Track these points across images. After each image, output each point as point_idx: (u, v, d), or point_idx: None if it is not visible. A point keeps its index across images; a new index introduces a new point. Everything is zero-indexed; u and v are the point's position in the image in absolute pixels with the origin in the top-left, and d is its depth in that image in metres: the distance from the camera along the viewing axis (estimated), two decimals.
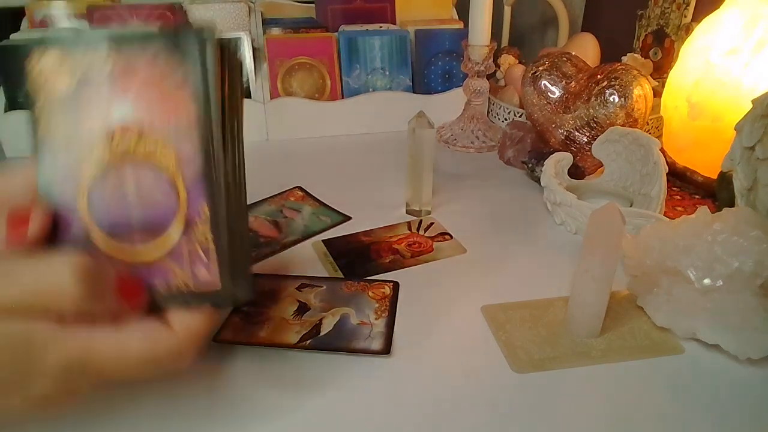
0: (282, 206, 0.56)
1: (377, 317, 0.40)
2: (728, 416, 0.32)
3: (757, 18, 0.51)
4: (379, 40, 0.74)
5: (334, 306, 0.41)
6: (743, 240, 0.36)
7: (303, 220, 0.53)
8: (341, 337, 0.37)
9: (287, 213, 0.54)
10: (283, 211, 0.55)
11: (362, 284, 0.43)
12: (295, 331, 0.38)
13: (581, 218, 0.49)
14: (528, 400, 0.33)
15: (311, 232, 0.51)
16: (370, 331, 0.38)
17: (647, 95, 0.55)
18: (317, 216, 0.54)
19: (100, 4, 0.73)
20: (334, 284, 0.43)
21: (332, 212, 0.55)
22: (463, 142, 0.71)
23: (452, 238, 0.50)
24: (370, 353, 0.36)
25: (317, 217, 0.54)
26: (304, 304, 0.41)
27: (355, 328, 0.38)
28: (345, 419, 0.32)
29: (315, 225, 0.52)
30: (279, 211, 0.55)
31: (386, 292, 0.42)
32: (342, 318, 0.39)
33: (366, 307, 0.41)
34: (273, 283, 0.43)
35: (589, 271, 0.35)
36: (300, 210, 0.55)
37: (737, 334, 0.35)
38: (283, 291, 0.42)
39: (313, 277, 0.44)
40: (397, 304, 0.41)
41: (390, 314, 0.40)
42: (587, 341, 0.38)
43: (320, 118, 0.74)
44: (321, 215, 0.54)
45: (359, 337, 0.37)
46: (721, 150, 0.46)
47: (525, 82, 0.62)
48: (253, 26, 0.77)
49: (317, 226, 0.52)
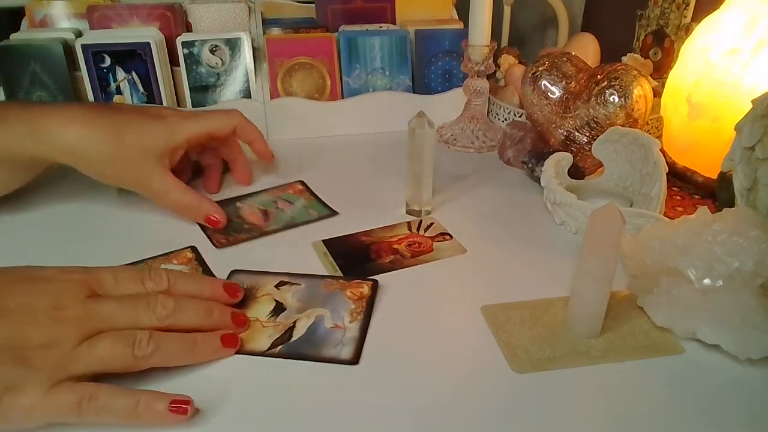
0: (278, 197, 0.57)
1: (351, 320, 0.39)
2: (728, 416, 0.32)
3: (757, 18, 0.51)
4: (379, 40, 0.74)
5: (310, 306, 0.40)
6: (743, 240, 0.36)
7: (292, 212, 0.54)
8: (313, 343, 0.37)
9: (281, 204, 0.55)
10: (278, 202, 0.56)
11: (341, 282, 0.43)
12: (267, 335, 0.38)
13: (581, 218, 0.49)
14: (528, 400, 0.33)
15: (295, 223, 0.52)
16: (343, 335, 0.37)
17: (647, 95, 0.55)
18: (307, 209, 0.54)
19: (100, 4, 0.73)
20: (313, 282, 0.43)
21: (322, 206, 0.55)
22: (463, 142, 0.71)
23: (452, 238, 0.50)
24: (338, 362, 0.36)
25: (307, 210, 0.54)
26: (280, 303, 0.40)
27: (327, 332, 0.38)
28: (345, 419, 0.32)
29: (301, 217, 0.53)
30: (273, 202, 0.56)
31: (364, 291, 0.41)
32: (316, 320, 0.39)
33: (341, 308, 0.40)
34: (253, 280, 0.43)
35: (589, 271, 0.35)
36: (293, 202, 0.56)
37: (737, 334, 0.35)
38: (261, 288, 0.42)
39: (293, 274, 0.43)
40: (373, 306, 0.40)
41: (365, 317, 0.39)
42: (587, 341, 0.38)
43: (320, 118, 0.73)
44: (311, 209, 0.55)
45: (329, 343, 0.37)
46: (721, 150, 0.46)
47: (525, 82, 0.62)
48: (253, 26, 0.77)
49: (302, 218, 0.53)
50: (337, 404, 0.33)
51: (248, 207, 0.54)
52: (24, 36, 0.70)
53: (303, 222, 0.52)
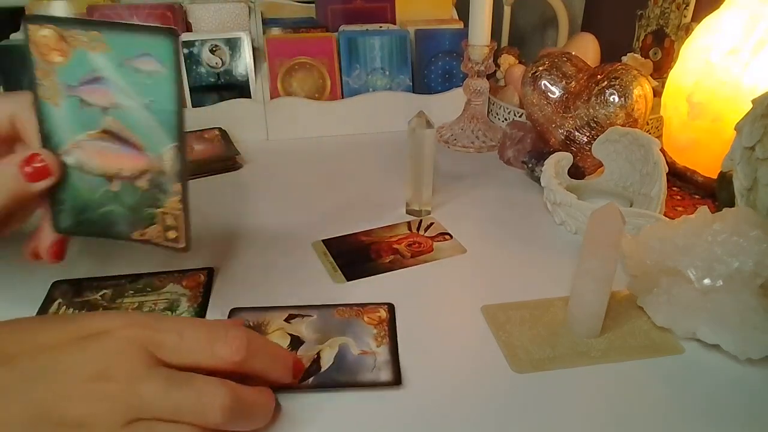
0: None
1: (378, 344, 0.37)
2: (728, 416, 0.32)
3: (757, 18, 0.51)
4: (379, 40, 0.74)
5: (329, 336, 0.38)
6: (743, 240, 0.36)
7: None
8: (344, 370, 0.35)
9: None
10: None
11: (355, 309, 0.40)
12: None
13: (581, 218, 0.49)
14: (528, 400, 0.33)
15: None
16: (375, 360, 0.36)
17: (647, 95, 0.55)
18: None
19: (100, 4, 0.73)
20: (325, 312, 0.40)
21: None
22: (463, 142, 0.71)
23: (452, 238, 0.50)
24: (380, 386, 0.34)
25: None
26: (296, 337, 0.38)
27: (357, 359, 0.36)
28: (344, 419, 0.32)
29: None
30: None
31: (382, 315, 0.40)
32: (341, 349, 0.37)
33: (364, 334, 0.38)
34: (258, 317, 0.40)
35: (589, 271, 0.35)
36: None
37: (737, 334, 0.35)
38: (270, 325, 0.39)
39: (301, 306, 0.40)
40: (396, 328, 0.39)
41: (391, 340, 0.37)
42: (587, 341, 0.38)
43: (320, 118, 0.73)
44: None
45: (364, 369, 0.35)
46: (721, 150, 0.46)
47: (525, 82, 0.62)
48: (253, 26, 0.77)
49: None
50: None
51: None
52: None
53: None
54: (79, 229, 0.36)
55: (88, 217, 0.36)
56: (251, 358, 0.30)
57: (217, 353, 0.29)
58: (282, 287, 0.43)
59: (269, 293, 0.43)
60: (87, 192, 0.35)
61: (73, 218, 0.36)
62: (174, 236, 0.35)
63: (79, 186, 0.35)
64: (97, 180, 0.35)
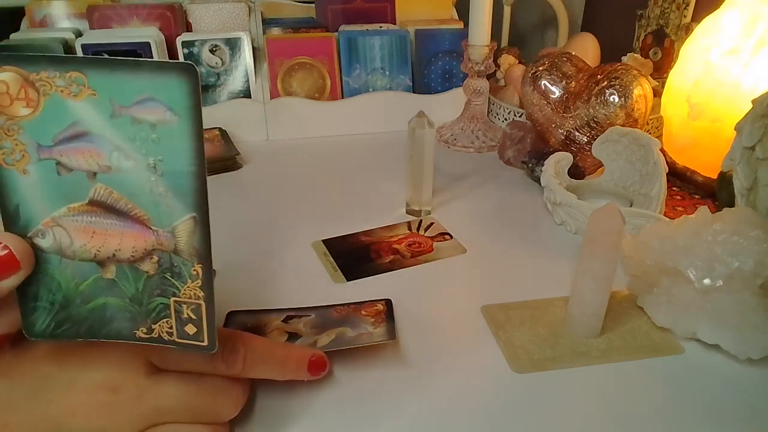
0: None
1: (375, 328, 0.37)
2: (728, 416, 0.32)
3: (757, 18, 0.51)
4: (379, 40, 0.74)
5: (326, 329, 0.38)
6: (743, 240, 0.36)
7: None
8: (341, 343, 0.36)
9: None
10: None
11: (353, 307, 0.40)
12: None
13: (581, 218, 0.49)
14: (528, 400, 0.33)
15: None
16: (370, 336, 0.36)
17: (647, 95, 0.55)
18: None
19: (100, 4, 0.73)
20: (323, 311, 0.40)
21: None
22: (463, 142, 0.71)
23: (452, 238, 0.50)
24: (376, 342, 0.35)
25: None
26: (294, 333, 0.38)
27: (353, 337, 0.36)
28: (343, 418, 0.32)
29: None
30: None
31: (379, 308, 0.40)
32: (338, 335, 0.37)
33: (362, 323, 0.38)
34: (256, 319, 0.39)
35: (589, 271, 0.35)
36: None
37: (737, 334, 0.35)
38: (268, 326, 0.38)
39: (299, 308, 0.40)
40: (393, 317, 0.39)
41: (388, 322, 0.38)
42: (587, 341, 0.38)
43: (320, 118, 0.73)
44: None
45: (361, 339, 0.36)
46: (721, 150, 0.46)
47: (525, 82, 0.62)
48: (253, 26, 0.77)
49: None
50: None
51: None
52: (24, 36, 0.70)
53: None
54: (61, 331, 0.27)
55: (72, 314, 0.27)
56: (253, 369, 0.30)
57: (217, 369, 0.29)
58: (282, 287, 0.43)
59: (269, 293, 0.43)
60: (70, 283, 0.27)
61: (52, 318, 0.27)
62: (193, 331, 0.27)
63: (58, 276, 0.26)
64: (84, 266, 0.26)
